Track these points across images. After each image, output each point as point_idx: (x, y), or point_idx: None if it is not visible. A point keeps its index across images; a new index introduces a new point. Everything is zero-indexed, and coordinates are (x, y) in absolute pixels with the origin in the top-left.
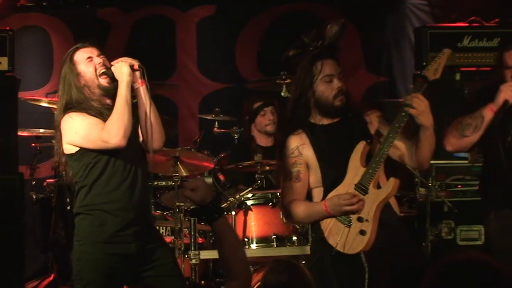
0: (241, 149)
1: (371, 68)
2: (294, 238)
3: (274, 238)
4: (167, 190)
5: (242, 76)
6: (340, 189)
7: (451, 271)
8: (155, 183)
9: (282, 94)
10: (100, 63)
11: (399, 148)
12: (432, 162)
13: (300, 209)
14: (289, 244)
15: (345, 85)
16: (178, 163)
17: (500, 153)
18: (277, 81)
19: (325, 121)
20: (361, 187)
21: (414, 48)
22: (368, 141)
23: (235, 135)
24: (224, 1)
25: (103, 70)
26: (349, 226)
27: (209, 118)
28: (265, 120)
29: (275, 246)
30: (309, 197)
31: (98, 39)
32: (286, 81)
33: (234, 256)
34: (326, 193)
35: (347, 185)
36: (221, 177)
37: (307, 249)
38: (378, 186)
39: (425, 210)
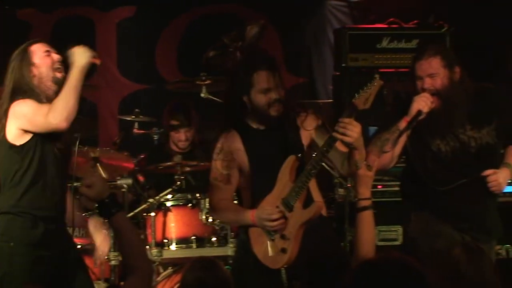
0: (161, 150)
1: (291, 69)
2: (214, 239)
3: (194, 239)
4: None
5: (162, 77)
6: (268, 200)
7: (369, 271)
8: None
9: (202, 95)
10: (58, 59)
11: (331, 158)
12: None
13: (228, 212)
14: (208, 245)
15: (282, 94)
16: (98, 164)
17: (420, 160)
18: (197, 82)
19: (261, 126)
20: (287, 203)
21: (333, 49)
22: (299, 155)
23: (155, 136)
24: (144, 2)
25: (59, 66)
26: (272, 240)
27: (129, 119)
28: (177, 138)
29: (195, 247)
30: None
31: (20, 40)
32: (206, 82)
33: (133, 251)
34: (254, 198)
35: (275, 198)
36: (141, 178)
37: (226, 250)
38: (307, 202)
39: (344, 210)
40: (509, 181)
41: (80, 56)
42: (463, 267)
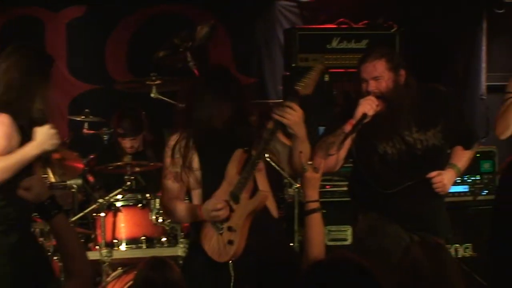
0: (111, 150)
1: (241, 69)
2: (164, 239)
3: (144, 239)
4: None
5: (112, 77)
6: (217, 195)
7: (320, 271)
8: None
9: (152, 95)
10: None
11: (277, 154)
12: None
13: (179, 209)
14: (158, 245)
15: None
16: (49, 165)
17: (367, 163)
18: (147, 82)
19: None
20: (234, 195)
21: (283, 50)
22: (246, 149)
23: (105, 136)
24: (94, 2)
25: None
26: (221, 234)
27: (78, 119)
28: (124, 144)
29: (145, 247)
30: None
31: None
32: (156, 82)
33: (73, 254)
34: (204, 196)
35: (224, 192)
36: (91, 179)
37: (176, 250)
38: (254, 193)
39: (293, 211)
40: (458, 180)
41: (46, 140)
42: (423, 264)
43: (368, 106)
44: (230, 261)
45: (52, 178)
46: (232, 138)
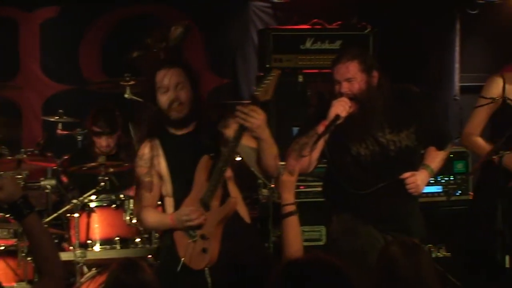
0: (85, 151)
1: (215, 70)
2: (138, 239)
3: (118, 240)
4: None
5: (86, 78)
6: (187, 202)
7: (293, 271)
8: None
9: (126, 96)
10: None
11: (246, 156)
12: None
13: (151, 218)
14: (132, 245)
15: (185, 94)
16: (22, 165)
17: (340, 164)
18: (121, 83)
19: (177, 131)
20: (204, 203)
21: (257, 50)
22: (212, 155)
23: (79, 137)
24: (68, 2)
25: None
26: (194, 241)
27: (52, 120)
28: (100, 143)
29: (119, 248)
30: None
31: None
32: (130, 83)
33: (45, 254)
34: (176, 204)
35: (194, 200)
36: (64, 179)
37: (150, 251)
38: (224, 200)
39: (267, 211)
40: (432, 181)
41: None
42: (400, 263)
43: (341, 107)
44: (206, 269)
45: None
46: (197, 144)
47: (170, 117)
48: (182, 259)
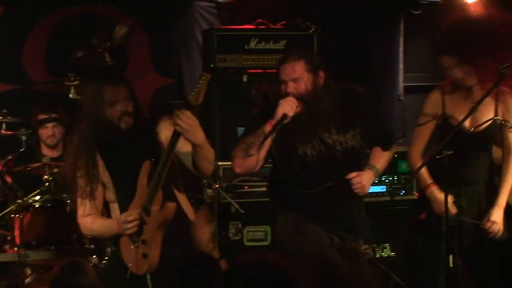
0: (29, 151)
1: (159, 70)
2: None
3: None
4: None
5: (30, 78)
6: (131, 208)
7: (239, 272)
8: None
9: (71, 95)
10: None
11: (186, 156)
12: (219, 163)
13: (96, 225)
14: (77, 246)
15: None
16: None
17: (287, 163)
18: (66, 83)
19: (116, 139)
20: (145, 208)
21: (202, 50)
22: (153, 159)
23: (23, 137)
24: (12, 1)
25: None
26: (136, 246)
27: None
28: (45, 133)
29: (64, 248)
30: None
31: None
32: (74, 83)
33: None
34: (122, 210)
35: (136, 206)
36: (8, 179)
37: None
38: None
39: (212, 211)
40: (376, 181)
41: None
42: (342, 270)
43: (288, 107)
44: (148, 274)
45: None
46: (138, 150)
47: (119, 128)
48: (130, 264)
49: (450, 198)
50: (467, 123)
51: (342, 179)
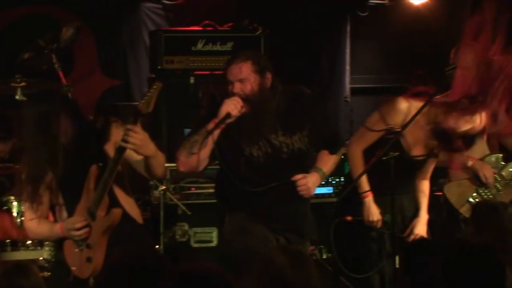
0: None
1: (106, 71)
2: (29, 242)
3: (8, 242)
4: None
5: None
6: (77, 212)
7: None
8: None
9: (17, 97)
10: None
11: (138, 163)
12: (166, 165)
13: (41, 229)
14: (23, 248)
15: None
16: None
17: (233, 164)
18: (12, 84)
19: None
20: (90, 213)
21: (149, 52)
22: (100, 164)
23: None
24: None
25: None
26: (81, 250)
27: None
28: None
29: (10, 250)
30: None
31: None
32: (21, 84)
33: None
34: (69, 213)
35: (83, 209)
36: None
37: (42, 253)
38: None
39: (159, 213)
40: (323, 182)
41: None
42: (288, 273)
43: (232, 106)
44: (91, 279)
45: None
46: (85, 154)
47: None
48: (73, 268)
49: (378, 210)
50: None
51: (288, 180)
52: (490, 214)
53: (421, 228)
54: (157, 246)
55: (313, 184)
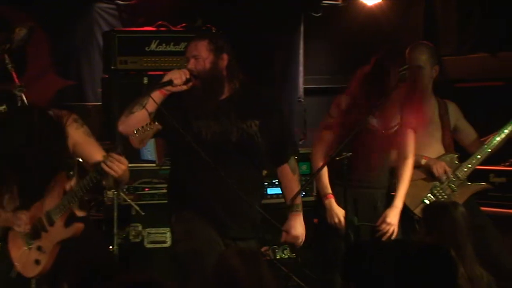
0: None
1: (60, 72)
2: None
3: None
4: None
5: None
6: (33, 209)
7: None
8: None
9: None
10: None
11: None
12: None
13: None
14: None
15: None
16: None
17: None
18: None
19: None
20: (49, 217)
21: (102, 52)
22: (70, 173)
23: None
24: None
25: None
26: (29, 249)
27: None
28: None
29: None
30: None
31: None
32: None
33: None
34: (21, 206)
35: (39, 208)
36: None
37: None
38: (69, 221)
39: (112, 213)
40: (276, 182)
41: None
42: (240, 275)
43: (177, 75)
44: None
45: None
46: (45, 151)
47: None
48: (17, 264)
49: (342, 213)
50: (378, 126)
51: (242, 179)
52: (441, 214)
53: (393, 217)
54: (110, 247)
55: (302, 227)
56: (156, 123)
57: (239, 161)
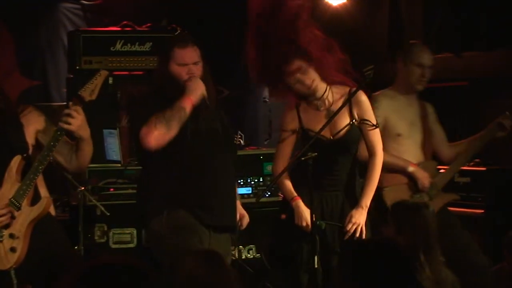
0: None
1: (25, 72)
2: None
3: None
4: None
5: None
6: None
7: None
8: None
9: None
10: None
11: (63, 155)
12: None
13: None
14: None
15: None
16: None
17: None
18: None
19: None
20: (15, 202)
21: (67, 52)
22: (25, 154)
23: None
24: None
25: None
26: (1, 241)
27: None
28: None
29: None
30: None
31: None
32: None
33: None
34: None
35: (1, 199)
36: None
37: None
38: (34, 200)
39: (78, 213)
40: (242, 182)
41: None
42: (203, 276)
43: (203, 86)
44: (12, 270)
45: None
46: (7, 144)
47: None
48: None
49: (307, 214)
50: (326, 133)
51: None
52: (414, 213)
53: (358, 216)
54: (76, 247)
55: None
56: (103, 70)
57: (226, 156)
